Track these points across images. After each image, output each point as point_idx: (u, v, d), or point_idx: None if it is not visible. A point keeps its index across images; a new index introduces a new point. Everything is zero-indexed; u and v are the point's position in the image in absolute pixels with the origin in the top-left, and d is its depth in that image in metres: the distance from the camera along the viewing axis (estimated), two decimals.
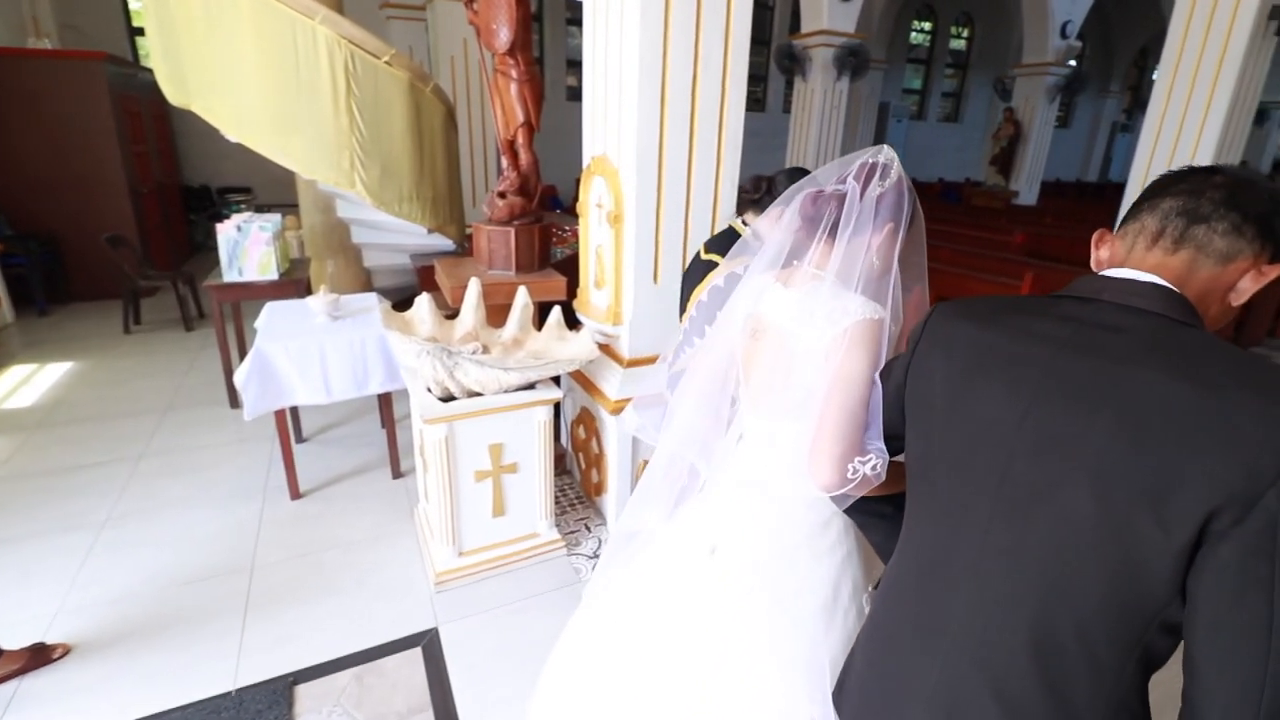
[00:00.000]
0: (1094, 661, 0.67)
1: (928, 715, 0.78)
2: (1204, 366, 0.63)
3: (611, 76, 2.27)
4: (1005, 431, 0.72)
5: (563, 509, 2.76)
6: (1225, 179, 0.72)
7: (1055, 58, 9.44)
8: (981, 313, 0.81)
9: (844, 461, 0.93)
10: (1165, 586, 0.62)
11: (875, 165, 1.02)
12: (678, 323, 2.47)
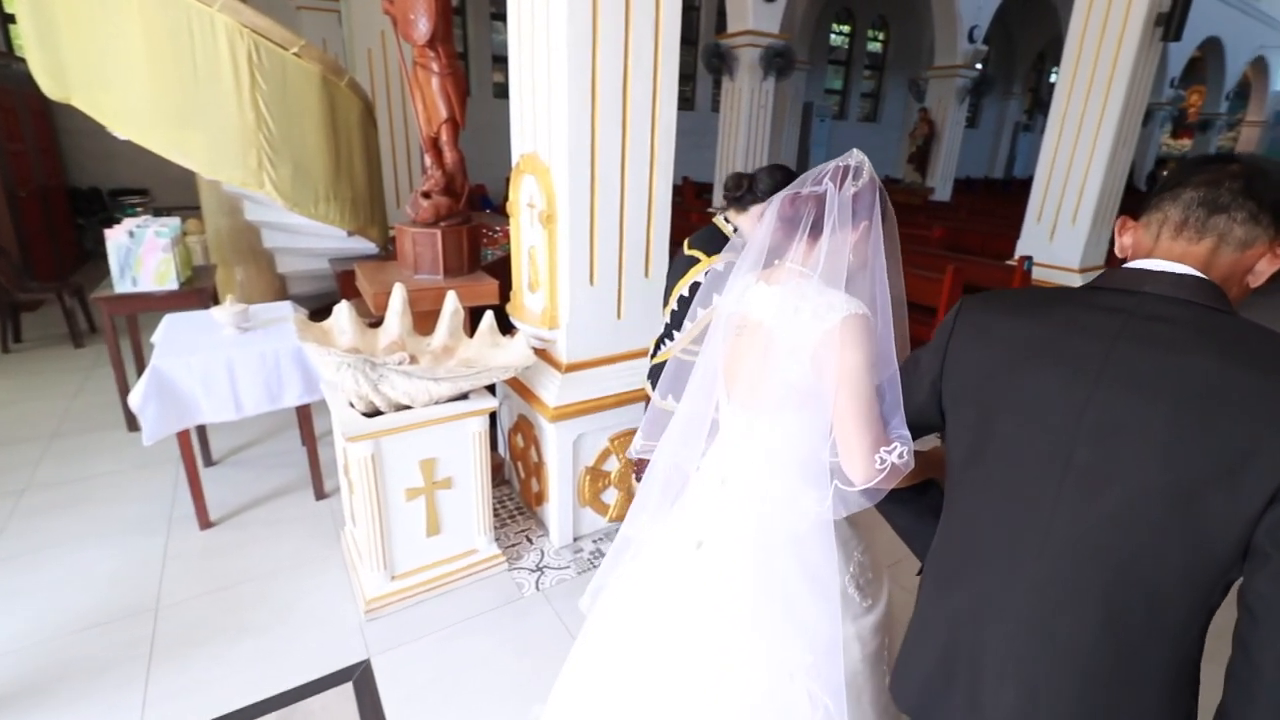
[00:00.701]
0: (1165, 627, 0.74)
1: (1005, 691, 0.82)
2: (1254, 351, 0.69)
3: (539, 72, 2.18)
4: (1065, 420, 0.76)
5: (502, 521, 2.65)
6: (1241, 168, 0.76)
7: (964, 61, 9.95)
8: (1015, 306, 0.86)
9: (873, 453, 0.96)
10: (1233, 550, 0.69)
11: (848, 167, 1.07)
12: (616, 324, 2.43)
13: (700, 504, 1.20)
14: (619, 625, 1.24)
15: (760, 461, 1.13)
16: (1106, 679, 0.76)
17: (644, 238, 2.39)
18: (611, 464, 2.53)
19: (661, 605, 1.18)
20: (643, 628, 1.19)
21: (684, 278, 1.81)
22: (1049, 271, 4.97)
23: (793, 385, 1.05)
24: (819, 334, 1.00)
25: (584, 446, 2.44)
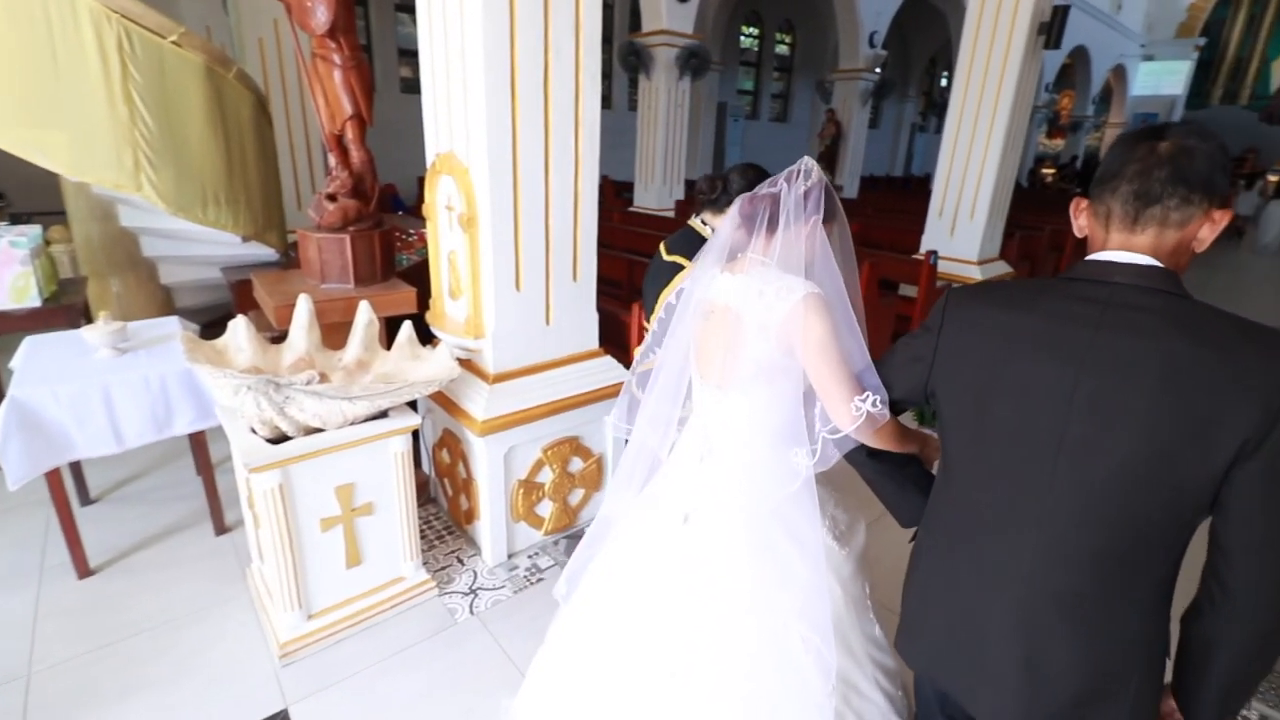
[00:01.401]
0: (1148, 568, 0.87)
1: (1014, 647, 0.93)
2: (1213, 333, 0.80)
3: (453, 68, 2.05)
4: (1058, 401, 0.86)
5: (430, 543, 2.50)
6: (1169, 150, 0.83)
7: (865, 64, 10.42)
8: (1004, 299, 0.95)
9: (849, 400, 1.09)
10: (1205, 502, 0.82)
11: (799, 170, 1.20)
12: (545, 330, 2.34)
13: (682, 481, 1.29)
14: (608, 601, 1.30)
15: (738, 433, 1.23)
16: (1100, 621, 0.89)
17: (571, 240, 2.31)
18: (545, 475, 2.44)
19: (653, 576, 1.26)
20: (635, 599, 1.26)
21: (670, 285, 1.81)
22: (952, 265, 5.27)
23: (760, 361, 1.16)
24: (782, 313, 1.12)
25: (516, 459, 2.34)
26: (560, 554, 2.49)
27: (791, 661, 1.17)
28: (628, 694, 1.24)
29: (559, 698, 1.36)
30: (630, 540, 1.32)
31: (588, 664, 1.32)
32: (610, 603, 1.31)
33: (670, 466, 1.32)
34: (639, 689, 1.23)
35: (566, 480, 2.49)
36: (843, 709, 1.26)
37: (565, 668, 1.37)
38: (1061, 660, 0.90)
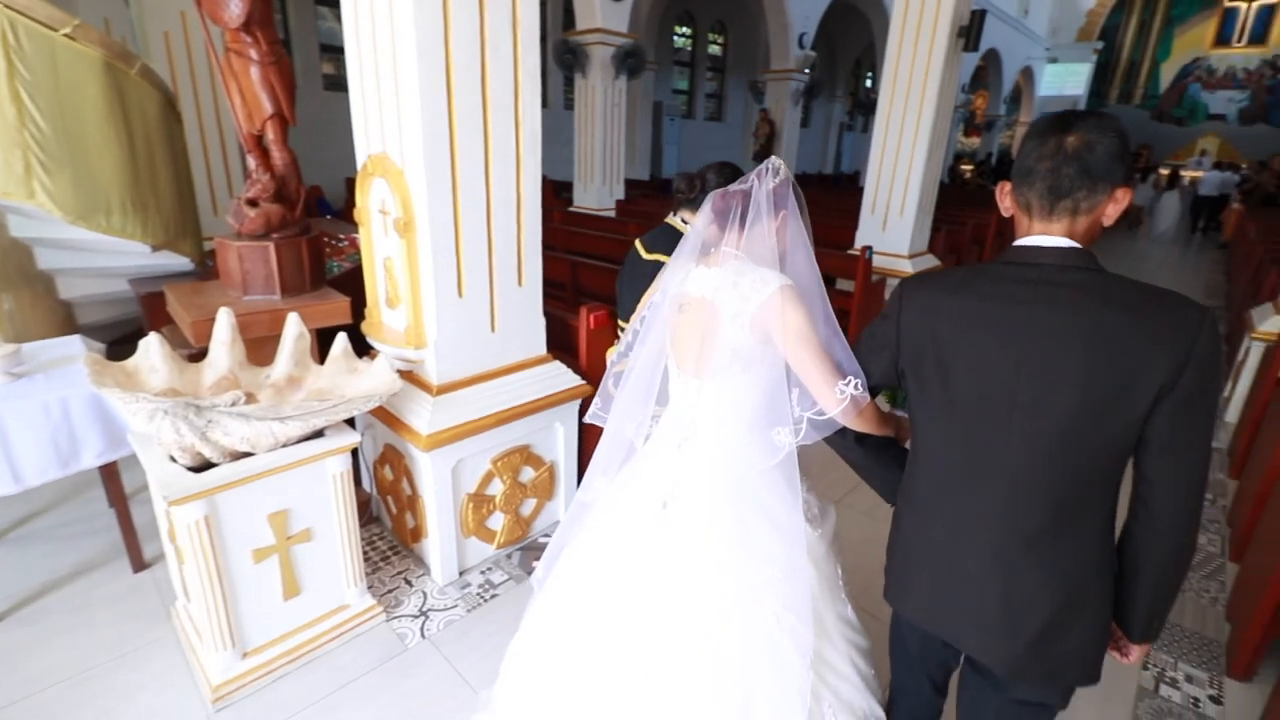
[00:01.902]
0: (1090, 499, 1.02)
1: (991, 584, 1.06)
2: (1128, 299, 0.94)
3: (384, 66, 1.95)
4: (1007, 371, 0.99)
5: (374, 565, 2.38)
6: (1075, 145, 0.95)
7: (796, 65, 10.67)
8: (948, 284, 1.08)
9: (834, 386, 1.16)
10: (1132, 441, 0.97)
11: (767, 168, 1.25)
12: (490, 337, 2.26)
13: (660, 469, 1.32)
14: (586, 586, 1.33)
15: (715, 418, 1.28)
16: (1059, 553, 1.04)
17: (515, 243, 2.24)
18: (495, 487, 2.36)
19: (631, 561, 1.29)
20: (613, 583, 1.30)
21: (654, 284, 1.77)
22: (885, 259, 5.45)
23: (737, 349, 1.21)
24: (757, 303, 1.18)
25: (464, 472, 2.25)
26: (514, 567, 2.42)
27: (770, 641, 1.21)
28: (608, 675, 1.26)
29: (537, 684, 1.37)
30: (608, 526, 1.34)
31: (566, 648, 1.33)
32: (588, 587, 1.33)
33: (648, 454, 1.36)
34: (619, 671, 1.25)
35: (518, 491, 2.42)
36: (819, 687, 1.28)
37: (543, 653, 1.38)
38: (1033, 591, 1.04)
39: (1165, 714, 1.98)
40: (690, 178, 1.83)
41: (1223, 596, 2.51)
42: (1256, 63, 18.92)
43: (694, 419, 1.31)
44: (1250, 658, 2.10)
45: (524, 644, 1.44)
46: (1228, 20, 19.19)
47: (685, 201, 1.86)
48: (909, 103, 5.26)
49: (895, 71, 5.28)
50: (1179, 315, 0.92)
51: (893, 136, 5.44)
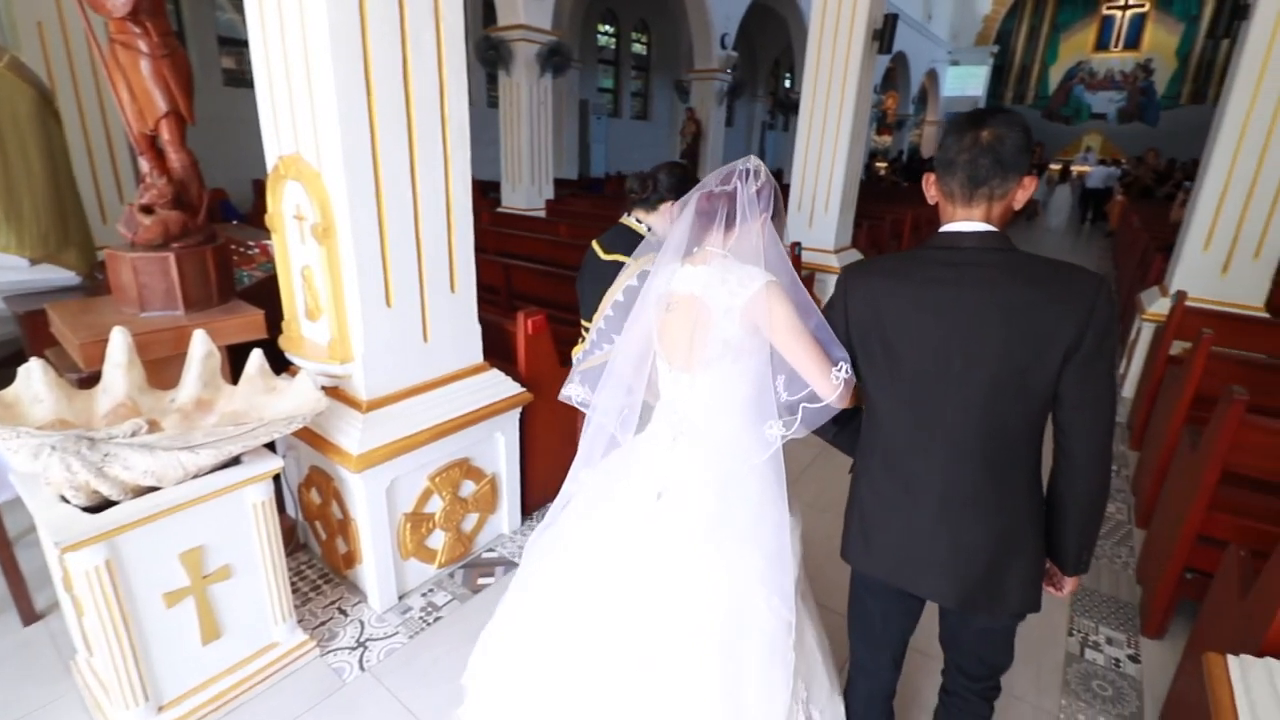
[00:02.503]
0: (1019, 453, 1.16)
1: (941, 534, 1.19)
2: (1037, 273, 1.09)
3: (294, 61, 1.81)
4: (940, 345, 1.12)
5: (305, 597, 2.22)
6: (988, 139, 1.08)
7: (719, 65, 10.84)
8: (884, 270, 1.21)
9: (828, 373, 1.23)
10: (1049, 397, 1.12)
11: (750, 170, 1.29)
12: (423, 348, 2.14)
13: (655, 462, 1.37)
14: (583, 574, 1.36)
15: (709, 408, 1.33)
16: (996, 503, 1.18)
17: (445, 248, 2.14)
18: (434, 504, 2.25)
19: (627, 549, 1.33)
20: (610, 571, 1.33)
21: (616, 282, 1.86)
22: (813, 254, 5.60)
23: (729, 341, 1.26)
24: (745, 298, 1.23)
25: (399, 491, 2.13)
26: (458, 586, 2.31)
27: (759, 624, 1.28)
28: (603, 657, 1.29)
29: (525, 669, 1.38)
30: (608, 517, 1.38)
31: (559, 633, 1.35)
32: (583, 574, 1.36)
33: (641, 448, 1.41)
34: (614, 653, 1.28)
35: (459, 506, 2.32)
36: (795, 659, 1.36)
37: (533, 639, 1.39)
38: (977, 537, 1.18)
39: (1091, 676, 2.11)
40: (643, 179, 1.88)
41: (1133, 561, 2.70)
42: (1131, 66, 20.71)
43: (686, 412, 1.35)
44: (1161, 618, 2.27)
45: (509, 631, 1.44)
46: (1106, 26, 20.91)
47: (639, 201, 1.91)
48: (829, 102, 5.42)
49: (816, 72, 5.42)
50: (1079, 286, 1.06)
51: (815, 135, 5.59)
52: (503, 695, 1.41)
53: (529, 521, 2.71)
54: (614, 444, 1.41)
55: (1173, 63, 20.06)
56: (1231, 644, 1.50)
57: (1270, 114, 3.71)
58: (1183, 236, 4.29)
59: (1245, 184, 3.87)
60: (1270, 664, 1.24)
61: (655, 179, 1.88)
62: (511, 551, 2.52)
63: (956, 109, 20.55)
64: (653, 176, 1.88)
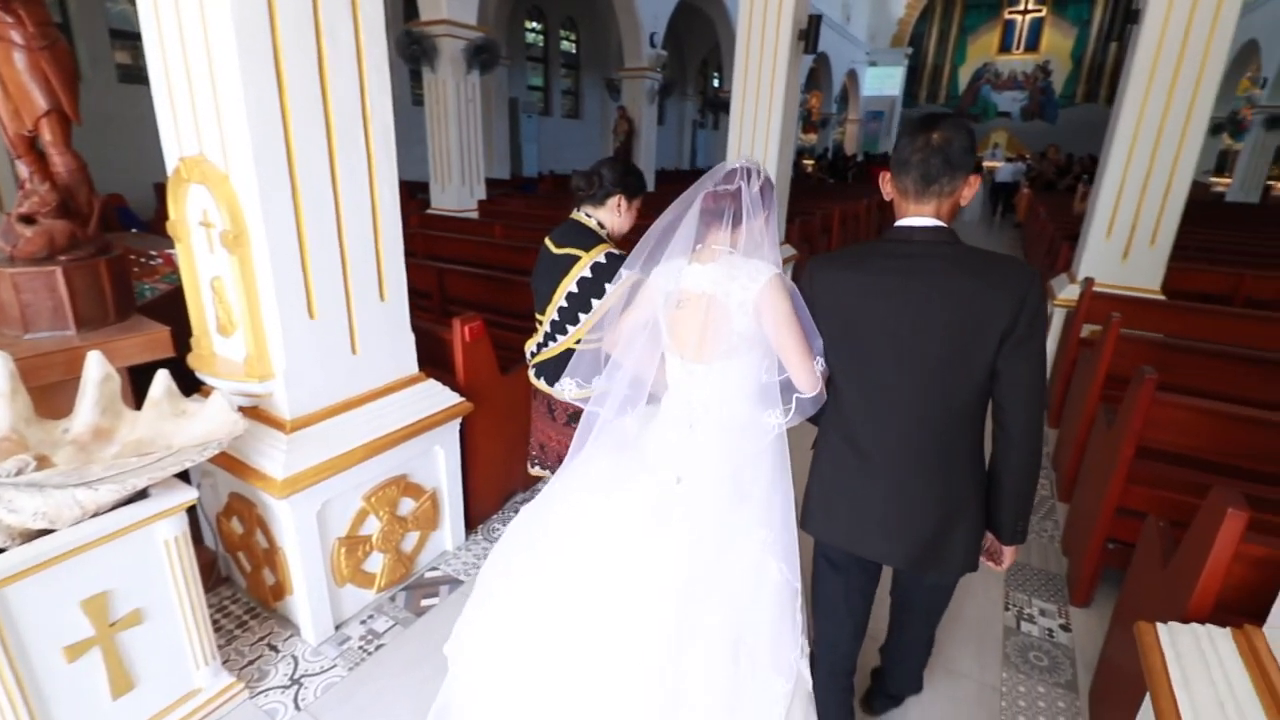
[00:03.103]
0: (963, 426, 1.30)
1: (891, 503, 1.33)
2: (978, 265, 1.22)
3: (194, 53, 1.66)
4: (893, 329, 1.25)
5: (230, 634, 2.05)
6: (939, 141, 1.20)
7: (649, 64, 10.85)
8: (843, 262, 1.33)
9: (813, 365, 1.34)
10: (987, 375, 1.24)
11: (750, 170, 1.37)
12: (352, 360, 2.01)
13: (673, 449, 1.45)
14: (608, 554, 1.39)
15: (723, 397, 1.41)
16: (942, 473, 1.31)
17: (373, 254, 2.02)
18: (371, 526, 2.13)
19: (652, 530, 1.38)
20: (635, 551, 1.38)
21: (568, 275, 1.93)
22: None
23: (743, 333, 1.35)
24: (756, 291, 1.32)
25: (332, 514, 2.00)
26: (400, 610, 2.19)
27: (774, 588, 1.40)
28: (627, 622, 1.32)
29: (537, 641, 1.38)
30: (630, 501, 1.43)
31: (576, 605, 1.37)
32: (605, 554, 1.40)
33: (654, 436, 1.49)
34: (637, 622, 1.31)
35: (397, 526, 2.20)
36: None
37: (545, 610, 1.40)
38: (924, 504, 1.31)
39: (1029, 648, 2.20)
40: (588, 176, 1.96)
41: (1058, 534, 2.86)
42: (1032, 67, 22.13)
43: (703, 400, 1.43)
44: (1088, 587, 2.40)
45: (515, 606, 1.43)
46: (1008, 30, 22.26)
47: (587, 198, 1.99)
48: (759, 101, 5.51)
49: (745, 72, 5.50)
50: (1014, 277, 1.19)
51: (747, 133, 5.67)
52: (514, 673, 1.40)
53: (474, 536, 2.61)
54: (616, 432, 1.49)
55: (1068, 64, 21.57)
56: (1156, 611, 1.59)
57: (1160, 112, 4.01)
58: (1087, 226, 4.59)
59: (1140, 177, 4.17)
60: (1196, 629, 1.31)
61: (600, 175, 1.95)
62: (456, 569, 2.41)
63: (876, 108, 21.47)
64: (596, 173, 1.96)
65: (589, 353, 1.57)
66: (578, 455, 1.49)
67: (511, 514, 2.81)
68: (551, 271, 1.98)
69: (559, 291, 1.95)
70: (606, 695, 1.27)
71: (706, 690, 1.29)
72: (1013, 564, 1.42)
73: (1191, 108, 3.96)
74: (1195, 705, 1.17)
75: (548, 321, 2.01)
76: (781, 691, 1.37)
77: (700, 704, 1.28)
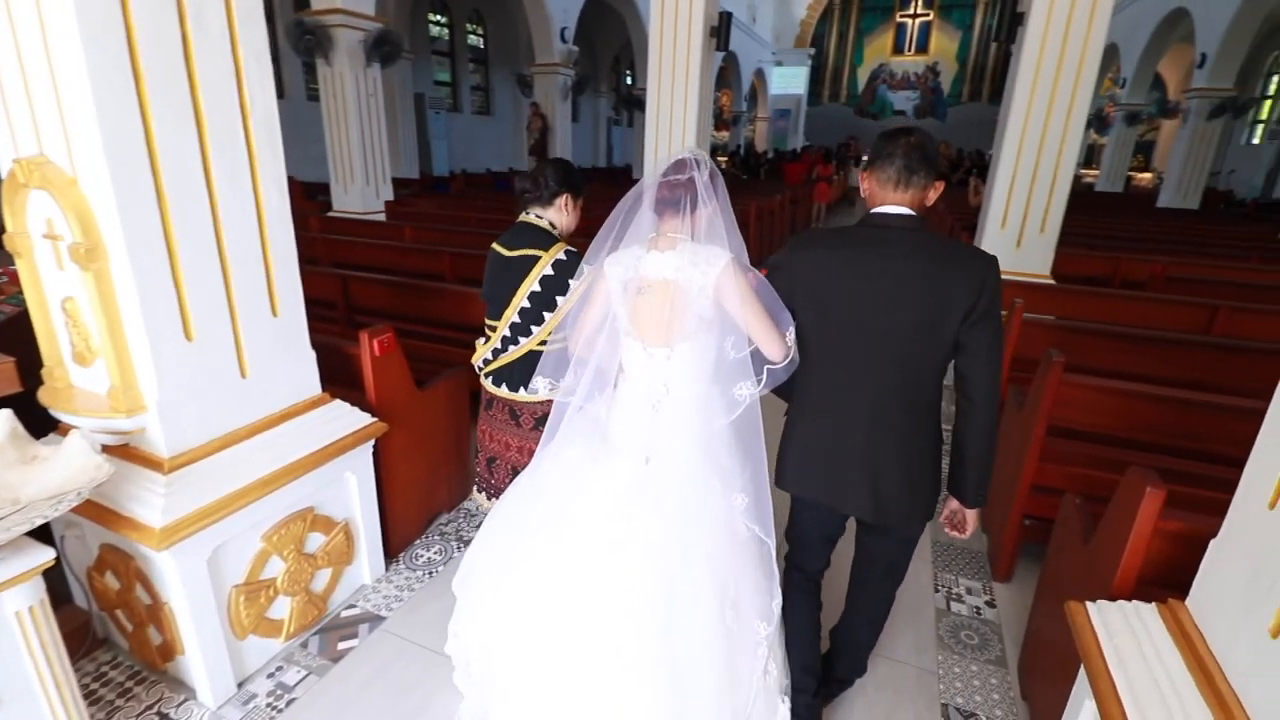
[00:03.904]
0: (926, 391, 1.44)
1: (857, 469, 1.46)
2: (943, 250, 1.36)
3: (26, 40, 1.41)
4: (866, 304, 1.38)
5: (110, 705, 1.78)
6: (915, 142, 1.38)
7: (561, 59, 10.67)
8: (824, 242, 1.46)
9: (780, 338, 1.44)
10: (950, 347, 1.38)
11: (699, 160, 1.44)
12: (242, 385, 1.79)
13: (639, 430, 1.52)
14: (590, 533, 1.48)
15: (687, 377, 1.50)
16: (907, 436, 1.45)
17: (261, 264, 1.80)
18: (274, 567, 1.91)
19: (628, 509, 1.46)
20: (615, 527, 1.45)
21: (530, 275, 1.95)
22: None
23: (703, 316, 1.44)
24: (714, 276, 1.41)
25: (226, 560, 1.77)
26: (313, 657, 1.98)
27: (749, 549, 1.53)
28: (614, 589, 1.41)
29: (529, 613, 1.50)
30: (603, 483, 1.50)
31: (563, 577, 1.47)
32: (587, 533, 1.48)
33: (622, 420, 1.55)
34: (625, 584, 1.41)
35: (306, 564, 1.99)
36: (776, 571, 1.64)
37: (533, 585, 1.51)
38: (891, 464, 1.46)
39: (960, 628, 2.27)
40: (533, 178, 2.01)
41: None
42: (922, 68, 23.51)
43: (665, 382, 1.50)
44: (1009, 562, 2.51)
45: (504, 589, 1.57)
46: (900, 33, 23.54)
47: (534, 199, 2.02)
48: (675, 98, 5.50)
49: (659, 68, 5.47)
50: (975, 261, 1.35)
51: (664, 130, 5.66)
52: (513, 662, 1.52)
53: (395, 566, 2.42)
54: (585, 421, 1.58)
55: (954, 66, 23.07)
56: (1080, 586, 1.65)
57: (1045, 110, 4.29)
58: (983, 217, 4.86)
59: (1029, 170, 4.45)
60: (1124, 607, 1.35)
61: (544, 176, 2.00)
62: (376, 604, 2.22)
63: (783, 106, 22.15)
64: (541, 174, 2.01)
65: (559, 351, 1.63)
66: (549, 445, 1.58)
67: (436, 538, 2.63)
68: (506, 275, 1.99)
69: (520, 293, 1.96)
70: (605, 670, 1.38)
71: (705, 644, 1.41)
72: (975, 528, 1.55)
73: (1072, 104, 4.25)
74: (1131, 683, 1.20)
75: (506, 325, 2.01)
76: (764, 634, 1.53)
77: (703, 657, 1.41)
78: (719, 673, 1.42)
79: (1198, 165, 11.21)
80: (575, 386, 1.54)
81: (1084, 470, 2.30)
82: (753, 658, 1.51)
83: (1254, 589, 1.07)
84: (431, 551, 2.53)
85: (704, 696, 1.40)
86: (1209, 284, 4.33)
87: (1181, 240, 6.45)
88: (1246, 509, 1.15)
